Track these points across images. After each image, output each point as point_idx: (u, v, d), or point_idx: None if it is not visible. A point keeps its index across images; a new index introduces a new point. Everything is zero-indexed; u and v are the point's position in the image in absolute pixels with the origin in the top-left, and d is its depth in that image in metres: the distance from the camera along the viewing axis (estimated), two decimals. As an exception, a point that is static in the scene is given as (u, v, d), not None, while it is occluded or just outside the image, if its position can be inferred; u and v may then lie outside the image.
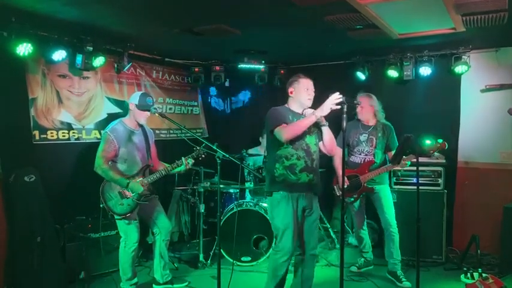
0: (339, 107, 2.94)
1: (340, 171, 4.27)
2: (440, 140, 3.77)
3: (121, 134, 3.69)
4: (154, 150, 4.02)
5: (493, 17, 3.57)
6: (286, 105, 3.39)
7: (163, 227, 3.90)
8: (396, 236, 4.15)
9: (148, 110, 3.70)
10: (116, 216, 3.69)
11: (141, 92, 3.88)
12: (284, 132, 3.12)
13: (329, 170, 4.46)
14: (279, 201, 3.22)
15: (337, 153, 4.34)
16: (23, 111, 4.14)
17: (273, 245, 3.35)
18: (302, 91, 3.28)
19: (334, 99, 2.93)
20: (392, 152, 4.14)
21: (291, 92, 3.34)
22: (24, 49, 3.74)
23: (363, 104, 4.21)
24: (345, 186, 4.21)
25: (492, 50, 4.92)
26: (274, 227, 3.29)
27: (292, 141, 3.18)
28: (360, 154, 4.25)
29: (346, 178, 4.22)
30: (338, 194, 4.35)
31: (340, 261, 2.85)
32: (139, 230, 3.80)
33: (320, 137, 3.35)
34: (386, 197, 4.21)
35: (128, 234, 3.75)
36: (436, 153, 3.90)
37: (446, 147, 3.84)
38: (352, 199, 4.29)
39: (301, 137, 3.21)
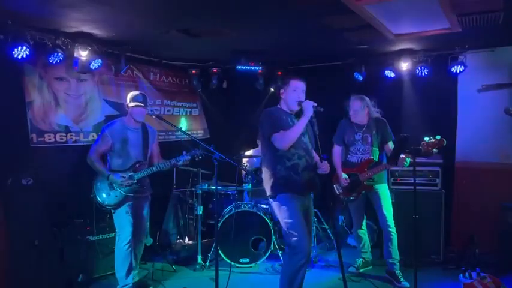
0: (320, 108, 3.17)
1: (339, 170, 4.30)
2: (438, 137, 3.74)
3: (117, 131, 3.79)
4: (156, 149, 4.06)
5: (488, 17, 3.58)
6: (278, 105, 3.39)
7: (138, 237, 3.90)
8: (394, 235, 4.15)
9: (141, 106, 3.77)
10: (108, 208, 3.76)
11: (132, 92, 3.92)
12: (281, 142, 3.12)
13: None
14: (286, 202, 3.14)
15: (335, 152, 4.38)
16: (20, 115, 4.14)
17: (288, 250, 3.20)
18: (290, 93, 3.27)
19: (312, 103, 3.16)
20: (390, 144, 4.16)
21: (281, 94, 3.35)
22: (20, 52, 3.74)
23: (355, 107, 4.23)
24: (345, 185, 4.24)
25: (488, 49, 4.93)
26: (288, 228, 3.11)
27: None
28: (356, 153, 4.27)
29: (346, 176, 4.24)
30: (338, 193, 4.35)
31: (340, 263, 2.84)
32: (133, 224, 3.80)
33: (312, 134, 3.31)
34: (385, 196, 4.21)
35: (121, 227, 3.78)
36: (434, 150, 3.82)
37: (445, 144, 3.80)
38: (352, 198, 4.30)
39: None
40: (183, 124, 5.99)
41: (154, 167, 3.84)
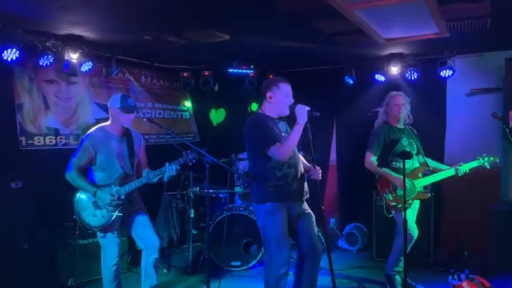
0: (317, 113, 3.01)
1: (393, 176, 3.79)
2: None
3: (99, 141, 3.33)
4: (143, 156, 3.62)
5: (476, 22, 3.64)
6: (260, 111, 3.17)
7: (149, 243, 3.44)
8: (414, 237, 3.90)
9: (133, 112, 3.40)
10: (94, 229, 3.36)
11: (121, 94, 3.53)
12: (280, 155, 2.98)
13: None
14: (273, 210, 3.05)
15: (371, 162, 3.89)
16: (9, 117, 4.10)
17: (267, 259, 3.10)
18: (283, 97, 3.08)
19: (306, 108, 2.99)
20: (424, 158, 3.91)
21: (270, 98, 3.11)
22: (10, 54, 3.71)
23: (401, 102, 3.98)
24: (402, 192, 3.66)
25: (476, 54, 5.01)
26: (268, 237, 3.07)
27: None
28: (408, 160, 3.78)
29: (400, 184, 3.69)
30: (388, 201, 3.88)
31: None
32: (119, 245, 3.44)
33: (303, 139, 3.17)
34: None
35: (106, 249, 3.40)
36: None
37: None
38: (407, 206, 3.76)
39: None
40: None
41: (143, 179, 3.37)
